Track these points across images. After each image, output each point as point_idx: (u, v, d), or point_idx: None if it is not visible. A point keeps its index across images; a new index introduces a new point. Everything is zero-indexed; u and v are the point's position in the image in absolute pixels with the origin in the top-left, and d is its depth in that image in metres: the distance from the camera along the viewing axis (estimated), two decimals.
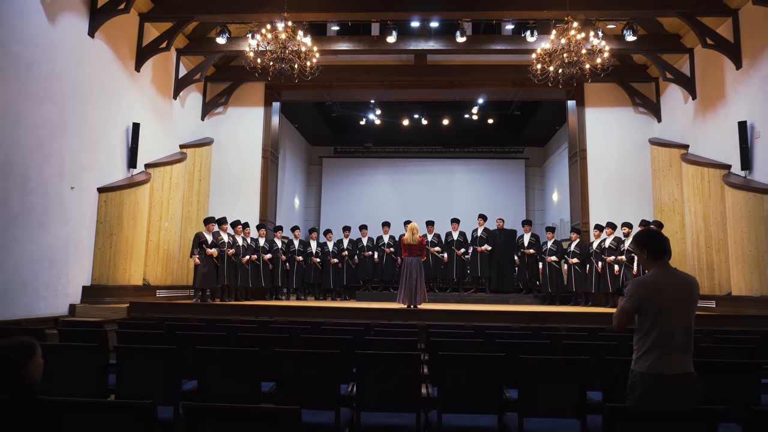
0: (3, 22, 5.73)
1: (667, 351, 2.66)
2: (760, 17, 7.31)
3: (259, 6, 8.53)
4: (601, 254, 9.07)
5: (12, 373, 1.78)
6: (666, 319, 2.70)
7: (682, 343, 2.69)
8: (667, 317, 2.70)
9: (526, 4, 8.39)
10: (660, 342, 2.68)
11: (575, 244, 9.61)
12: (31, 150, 6.17)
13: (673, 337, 2.68)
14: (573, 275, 9.53)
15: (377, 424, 3.18)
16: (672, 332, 2.69)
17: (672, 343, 2.66)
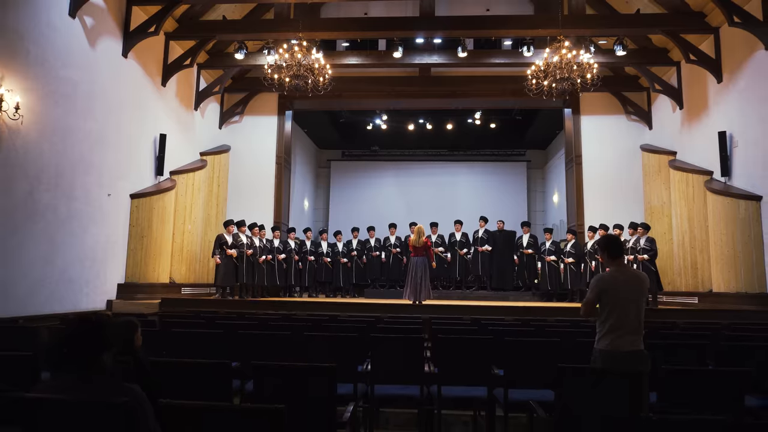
0: (53, 49, 6.46)
1: (621, 333, 3.34)
2: (738, 36, 7.94)
3: (275, 26, 9.25)
4: (594, 254, 9.71)
5: (129, 338, 2.47)
6: (620, 307, 3.38)
7: (633, 327, 3.37)
8: (621, 306, 3.38)
9: (522, 23, 9.06)
10: (616, 326, 3.36)
11: (571, 245, 10.25)
12: (76, 162, 6.91)
13: (627, 322, 3.36)
14: (568, 274, 10.17)
15: (388, 394, 3.87)
16: (625, 318, 3.37)
17: (625, 326, 3.34)
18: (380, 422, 4.64)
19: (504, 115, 14.93)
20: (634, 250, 9.04)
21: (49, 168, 6.40)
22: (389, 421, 4.78)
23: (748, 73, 7.82)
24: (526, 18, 9.87)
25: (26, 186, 6.04)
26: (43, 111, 6.29)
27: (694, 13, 8.56)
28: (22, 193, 5.97)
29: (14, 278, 5.85)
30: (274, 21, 9.61)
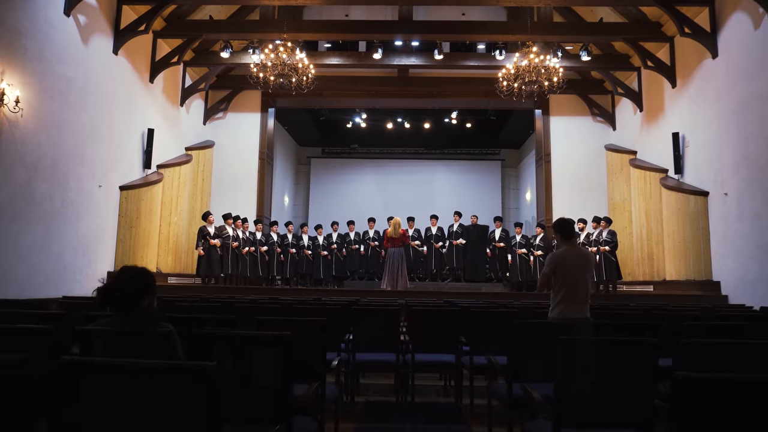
0: (50, 46, 6.79)
1: (570, 303, 3.91)
2: (690, 45, 8.65)
3: (260, 26, 9.67)
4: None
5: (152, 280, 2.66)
6: (571, 281, 3.95)
7: (581, 298, 3.94)
8: (571, 280, 3.95)
9: (495, 29, 9.66)
10: (566, 296, 3.92)
11: (540, 238, 10.89)
12: (70, 154, 7.24)
13: (575, 293, 3.93)
14: (537, 265, 10.80)
15: (368, 360, 4.37)
16: (575, 290, 3.93)
17: (574, 297, 3.91)
18: (361, 391, 5.15)
19: (479, 115, 15.56)
20: (596, 242, 9.71)
21: (46, 159, 6.73)
22: (369, 389, 5.29)
23: (697, 79, 8.54)
24: (499, 24, 10.48)
25: (24, 176, 6.36)
26: (40, 105, 6.61)
27: (652, 23, 9.26)
28: (20, 182, 6.30)
29: (13, 263, 6.18)
30: (259, 22, 10.02)
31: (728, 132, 7.68)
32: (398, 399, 4.67)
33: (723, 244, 7.81)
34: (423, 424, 4.04)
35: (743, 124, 7.34)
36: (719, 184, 7.91)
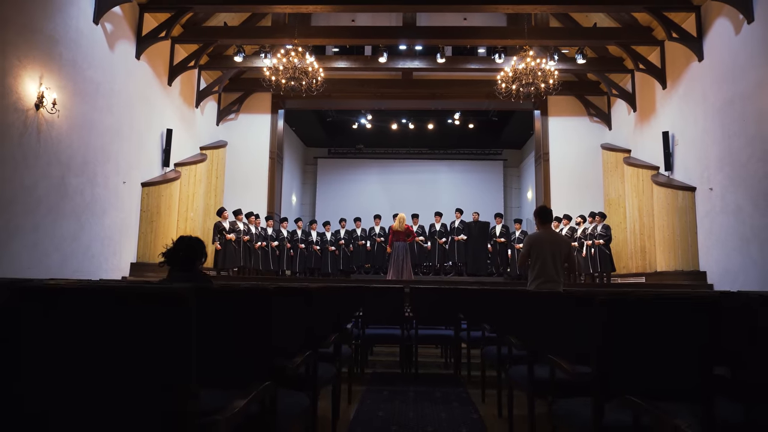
0: (81, 52, 7.35)
1: (544, 280, 4.43)
2: (678, 49, 9.13)
3: (272, 32, 10.23)
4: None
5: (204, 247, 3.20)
6: (544, 260, 4.47)
7: (552, 276, 4.46)
8: (544, 259, 4.47)
9: (494, 34, 10.18)
10: (540, 274, 4.45)
11: None
12: (98, 152, 7.80)
13: (548, 271, 4.45)
14: None
15: (376, 334, 4.90)
16: (547, 268, 4.45)
17: (547, 274, 4.43)
18: (369, 366, 5.67)
19: (481, 116, 16.06)
20: (591, 236, 10.20)
21: (77, 157, 7.29)
22: (376, 365, 5.81)
23: (686, 81, 9.02)
24: (499, 29, 11.00)
25: (59, 172, 6.92)
26: (72, 107, 7.18)
27: (643, 28, 9.75)
28: (56, 178, 6.86)
29: (49, 251, 6.74)
30: (271, 28, 10.59)
31: (714, 130, 8.17)
32: (403, 371, 5.20)
33: (709, 236, 8.29)
34: (425, 387, 4.55)
35: (727, 123, 7.82)
36: (705, 180, 8.39)
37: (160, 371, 1.01)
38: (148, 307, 1.02)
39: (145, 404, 1.02)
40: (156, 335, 1.01)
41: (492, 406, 3.84)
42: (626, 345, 1.68)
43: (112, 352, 1.03)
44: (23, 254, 6.26)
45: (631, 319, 1.68)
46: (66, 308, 1.05)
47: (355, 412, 3.70)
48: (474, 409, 3.84)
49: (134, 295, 1.02)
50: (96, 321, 1.04)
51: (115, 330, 1.03)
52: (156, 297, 1.02)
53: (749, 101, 7.28)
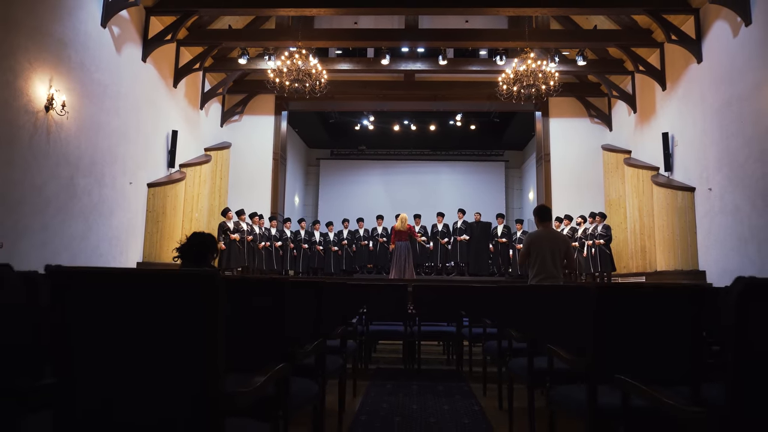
0: (89, 55, 7.49)
1: (544, 276, 4.54)
2: (677, 51, 9.24)
3: (276, 35, 10.35)
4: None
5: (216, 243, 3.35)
6: (543, 258, 4.58)
7: (551, 272, 4.57)
8: (544, 257, 4.58)
9: (495, 36, 10.30)
10: (540, 271, 4.56)
11: None
12: (105, 153, 7.93)
13: (547, 267, 4.56)
14: None
15: (380, 330, 5.00)
16: (546, 265, 4.56)
17: (546, 271, 4.54)
18: (373, 362, 5.78)
19: (483, 117, 16.17)
20: (592, 236, 10.31)
21: (85, 158, 7.42)
22: (379, 361, 5.92)
23: (685, 82, 9.13)
24: (500, 31, 11.12)
25: (68, 172, 7.05)
26: (81, 108, 7.31)
27: (643, 30, 9.86)
28: (65, 178, 6.98)
29: (59, 250, 6.86)
30: (275, 30, 10.72)
31: (712, 131, 8.26)
32: (406, 366, 5.31)
33: (708, 236, 8.38)
34: (428, 381, 4.66)
35: (725, 124, 7.92)
36: (704, 180, 8.49)
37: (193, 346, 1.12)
38: (183, 287, 1.13)
39: (177, 377, 1.13)
40: (190, 311, 1.12)
41: (493, 399, 3.95)
42: (618, 331, 1.79)
43: (149, 330, 1.14)
44: (32, 254, 6.38)
45: (621, 307, 1.79)
46: (106, 291, 1.16)
47: (360, 404, 3.81)
48: (475, 401, 3.94)
49: (169, 277, 1.14)
50: (132, 302, 1.16)
51: (152, 310, 1.14)
52: (190, 278, 1.13)
53: (747, 102, 7.38)
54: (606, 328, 1.78)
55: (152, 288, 1.13)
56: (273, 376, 1.47)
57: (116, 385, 1.15)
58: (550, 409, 2.30)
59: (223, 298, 1.13)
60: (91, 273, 1.17)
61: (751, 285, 1.01)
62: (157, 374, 1.13)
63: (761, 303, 1.02)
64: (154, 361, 1.13)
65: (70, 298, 1.13)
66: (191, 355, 1.11)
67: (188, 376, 1.11)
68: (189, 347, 1.12)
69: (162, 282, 1.14)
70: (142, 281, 1.16)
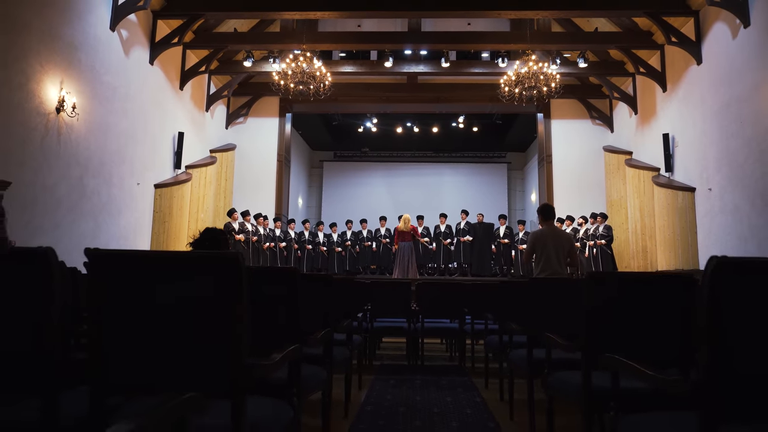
0: (98, 58, 7.64)
1: (549, 273, 4.64)
2: (678, 53, 9.34)
3: (281, 38, 10.50)
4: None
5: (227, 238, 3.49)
6: (548, 255, 4.69)
7: (557, 269, 4.67)
8: (548, 254, 4.69)
9: (497, 38, 10.42)
10: (545, 269, 4.66)
11: None
12: (114, 154, 8.07)
13: (551, 264, 4.66)
14: None
15: (384, 326, 5.12)
16: (551, 262, 4.67)
17: (551, 268, 4.64)
18: (377, 358, 5.89)
19: (485, 119, 16.28)
20: (593, 236, 10.40)
21: (94, 158, 7.56)
22: (383, 357, 6.03)
23: (685, 84, 9.23)
24: (502, 34, 11.24)
25: (78, 173, 7.19)
26: (91, 110, 7.45)
27: (643, 33, 9.96)
28: (75, 179, 7.12)
29: (69, 250, 6.97)
30: (280, 33, 10.87)
31: (712, 132, 8.36)
32: (410, 362, 5.41)
33: (708, 235, 8.47)
34: (431, 376, 4.76)
35: (725, 125, 8.01)
36: (704, 181, 8.58)
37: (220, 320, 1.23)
38: (210, 266, 1.24)
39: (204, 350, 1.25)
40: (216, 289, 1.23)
41: (494, 392, 4.06)
42: (610, 316, 1.90)
43: (178, 306, 1.26)
44: None
45: (614, 293, 1.90)
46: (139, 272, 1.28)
47: (365, 396, 3.92)
48: (477, 394, 4.05)
49: (198, 258, 1.25)
50: (163, 281, 1.27)
51: (182, 288, 1.26)
52: (217, 259, 1.24)
53: (746, 103, 7.47)
54: (598, 313, 1.89)
55: (182, 268, 1.25)
56: (288, 354, 1.58)
57: (146, 357, 1.26)
58: (548, 394, 2.41)
59: (246, 277, 1.24)
60: (126, 255, 1.29)
61: (722, 262, 1.13)
62: (185, 346, 1.25)
63: (730, 277, 1.13)
64: (182, 334, 1.24)
65: (108, 277, 1.25)
66: (218, 329, 1.23)
67: (214, 349, 1.22)
68: (215, 322, 1.23)
69: (191, 263, 1.25)
70: (174, 262, 1.27)
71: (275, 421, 1.48)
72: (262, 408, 1.50)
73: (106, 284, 1.25)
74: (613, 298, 1.88)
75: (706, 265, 1.15)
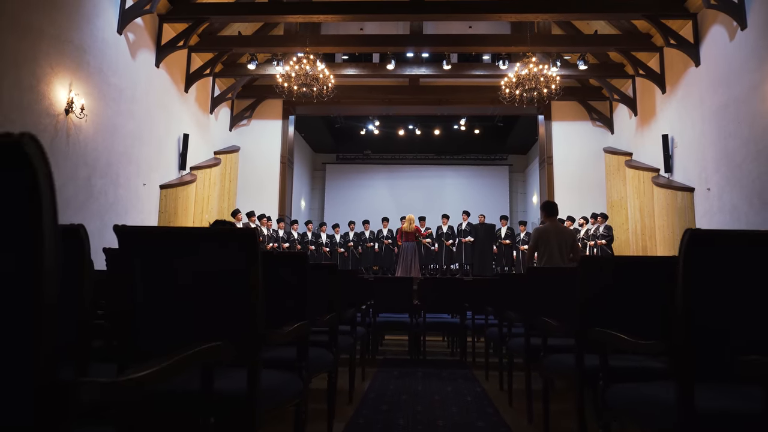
0: (106, 60, 7.79)
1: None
2: (676, 55, 9.46)
3: (284, 41, 10.65)
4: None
5: None
6: (551, 251, 4.80)
7: (560, 264, 4.77)
8: (551, 250, 4.80)
9: (498, 41, 10.55)
10: (548, 263, 4.76)
11: None
12: (120, 155, 8.21)
13: (555, 260, 4.77)
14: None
15: (386, 321, 5.22)
16: (554, 258, 4.78)
17: (554, 263, 4.75)
18: (380, 353, 6.00)
19: (487, 121, 16.40)
20: (594, 236, 10.50)
21: (102, 159, 7.70)
22: (386, 353, 6.14)
23: (684, 85, 9.34)
24: (503, 36, 11.37)
25: (86, 173, 7.33)
26: (98, 112, 7.60)
27: (642, 35, 10.09)
28: (82, 179, 7.26)
29: None
30: (283, 36, 11.02)
31: (710, 133, 8.46)
32: (412, 357, 5.52)
33: None
34: (433, 369, 4.87)
35: (723, 125, 8.12)
36: (703, 181, 8.68)
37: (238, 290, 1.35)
38: (230, 241, 1.37)
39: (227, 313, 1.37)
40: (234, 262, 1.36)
41: (495, 383, 4.16)
42: (601, 297, 2.01)
43: (200, 277, 1.38)
44: None
45: (605, 277, 2.02)
46: (164, 246, 1.40)
47: (368, 386, 4.03)
48: (478, 384, 4.16)
49: (218, 234, 1.37)
50: (187, 255, 1.40)
51: (203, 260, 1.38)
52: (235, 233, 1.36)
53: (743, 104, 7.58)
54: (590, 294, 2.00)
55: (204, 242, 1.37)
56: (297, 328, 1.70)
57: (170, 325, 1.38)
58: (544, 376, 2.52)
59: (259, 251, 1.36)
60: (152, 230, 1.41)
61: (695, 234, 1.24)
62: (206, 313, 1.36)
63: (702, 247, 1.24)
64: (203, 303, 1.36)
65: (136, 252, 1.37)
66: (236, 296, 1.34)
67: (233, 314, 1.34)
68: (234, 290, 1.35)
69: (212, 237, 1.37)
70: (197, 237, 1.39)
71: (286, 388, 1.59)
72: (275, 378, 1.61)
73: (134, 259, 1.37)
74: (603, 281, 1.99)
75: (682, 236, 1.27)
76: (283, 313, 1.98)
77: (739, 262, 1.27)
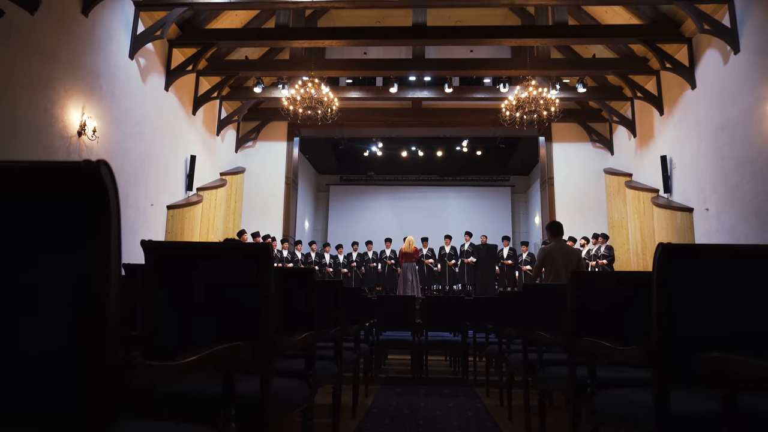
0: (118, 84, 8.04)
1: None
2: (673, 78, 9.67)
3: (290, 65, 10.93)
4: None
5: None
6: (557, 270, 4.91)
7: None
8: (558, 269, 4.91)
9: (499, 65, 10.81)
10: (554, 282, 4.87)
11: None
12: (130, 176, 8.41)
13: (561, 279, 4.87)
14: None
15: (389, 339, 5.32)
16: (560, 277, 4.88)
17: (560, 282, 4.85)
18: (382, 371, 6.07)
19: (489, 143, 16.62)
20: (595, 256, 10.59)
21: None
22: (388, 371, 6.21)
23: (681, 107, 9.53)
24: (503, 60, 11.65)
25: None
26: (110, 134, 7.82)
27: (639, 59, 10.33)
28: None
29: None
30: (289, 61, 11.31)
31: (708, 154, 8.62)
32: (414, 374, 5.60)
33: None
34: (435, 386, 4.95)
35: (719, 146, 8.27)
36: (702, 201, 8.80)
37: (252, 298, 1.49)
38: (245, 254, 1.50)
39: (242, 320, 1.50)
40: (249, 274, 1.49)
41: (495, 399, 4.24)
42: (592, 311, 2.13)
43: (219, 286, 1.51)
44: None
45: (594, 292, 2.14)
46: (186, 259, 1.54)
47: (371, 402, 4.11)
48: (479, 401, 4.23)
49: (234, 249, 1.51)
50: (205, 267, 1.53)
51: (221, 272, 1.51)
52: (251, 248, 1.50)
53: (739, 126, 7.74)
54: (581, 308, 2.12)
55: (222, 255, 1.51)
56: (306, 338, 1.82)
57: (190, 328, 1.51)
58: (540, 386, 2.62)
59: (272, 264, 1.50)
60: (174, 245, 1.54)
61: (667, 247, 1.37)
62: (223, 320, 1.49)
63: (675, 260, 1.37)
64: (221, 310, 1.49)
65: (160, 263, 1.51)
66: (251, 306, 1.48)
67: (248, 320, 1.47)
68: (249, 301, 1.49)
69: (229, 252, 1.51)
70: (215, 252, 1.53)
71: (296, 393, 1.71)
72: (285, 384, 1.73)
73: (158, 267, 1.51)
74: (593, 295, 2.11)
75: (655, 250, 1.40)
76: (293, 324, 2.10)
77: (709, 273, 1.39)
